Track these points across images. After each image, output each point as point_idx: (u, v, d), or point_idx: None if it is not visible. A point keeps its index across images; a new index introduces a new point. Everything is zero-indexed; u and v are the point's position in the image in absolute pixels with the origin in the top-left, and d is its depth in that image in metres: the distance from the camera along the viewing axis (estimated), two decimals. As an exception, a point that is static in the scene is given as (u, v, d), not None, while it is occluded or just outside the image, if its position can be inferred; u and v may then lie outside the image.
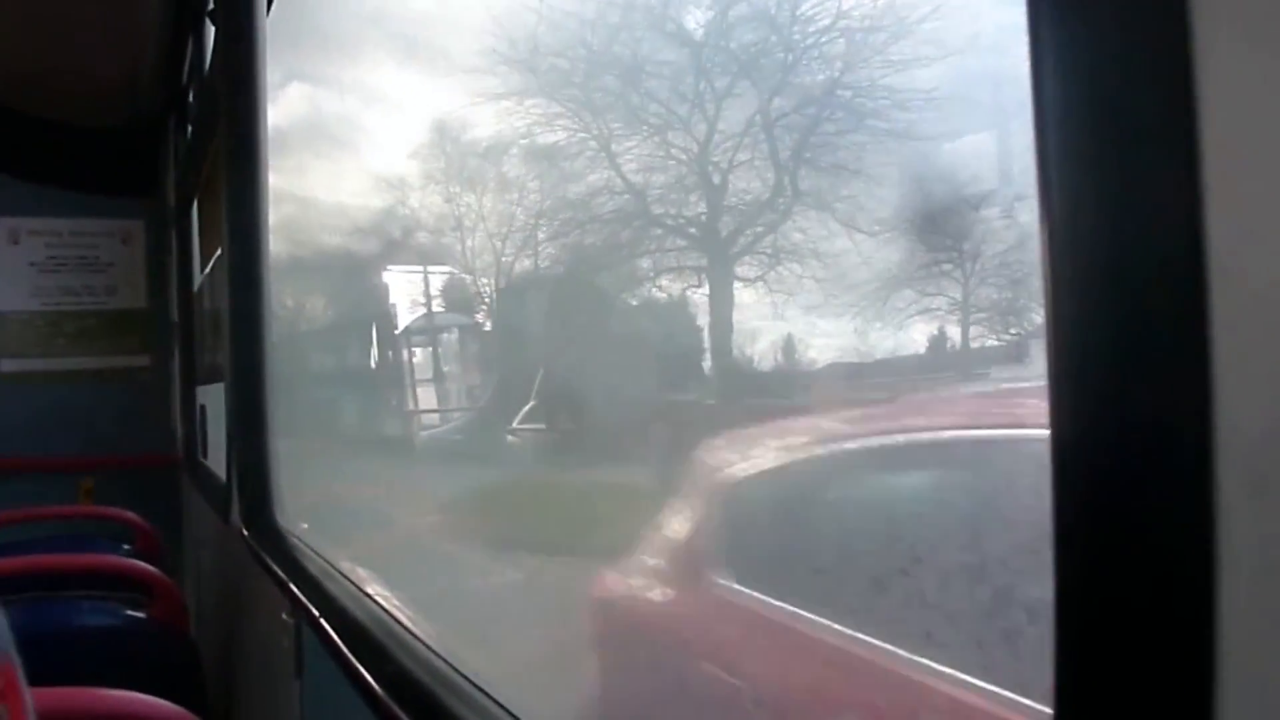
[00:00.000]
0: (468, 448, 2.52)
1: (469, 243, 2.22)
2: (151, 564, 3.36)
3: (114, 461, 4.90)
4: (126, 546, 3.89)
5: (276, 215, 2.78)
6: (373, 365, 3.16)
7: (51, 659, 2.68)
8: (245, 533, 2.57)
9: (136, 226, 5.24)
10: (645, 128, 1.32)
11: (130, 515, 3.99)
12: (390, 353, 2.99)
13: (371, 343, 3.12)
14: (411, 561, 2.28)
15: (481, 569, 1.99)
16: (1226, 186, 0.38)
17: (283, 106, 2.95)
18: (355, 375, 3.28)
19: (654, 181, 1.31)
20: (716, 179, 1.19)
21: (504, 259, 2.05)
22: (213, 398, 4.03)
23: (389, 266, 2.85)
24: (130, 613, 3.10)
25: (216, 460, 3.82)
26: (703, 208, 1.21)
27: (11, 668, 0.40)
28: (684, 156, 1.23)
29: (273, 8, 2.66)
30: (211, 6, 2.98)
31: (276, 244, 2.81)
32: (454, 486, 2.38)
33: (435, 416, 2.88)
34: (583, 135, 1.52)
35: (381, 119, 2.64)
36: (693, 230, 1.23)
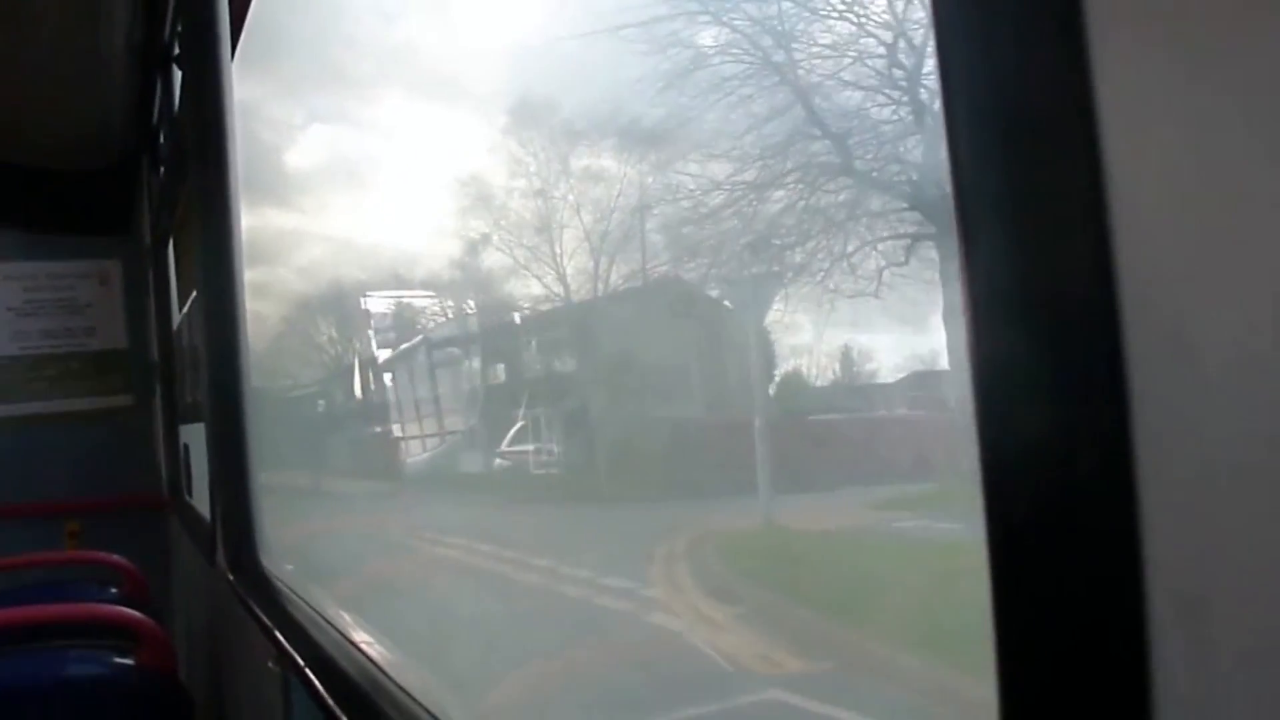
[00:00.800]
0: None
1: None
2: (139, 608, 3.34)
3: (100, 504, 4.87)
4: (114, 590, 3.87)
5: (304, 255, 2.82)
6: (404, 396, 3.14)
7: (40, 711, 2.66)
8: (230, 577, 2.56)
9: (113, 267, 5.22)
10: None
11: (117, 559, 3.96)
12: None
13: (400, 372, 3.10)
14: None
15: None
16: (1130, 192, 0.39)
17: (304, 146, 2.96)
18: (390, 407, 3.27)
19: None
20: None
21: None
22: (196, 436, 4.02)
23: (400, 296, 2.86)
24: (118, 660, 3.08)
25: (202, 499, 3.81)
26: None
27: None
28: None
29: (238, 52, 2.66)
30: (177, 52, 2.98)
31: (300, 282, 2.86)
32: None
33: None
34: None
35: (387, 153, 2.66)
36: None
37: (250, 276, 2.76)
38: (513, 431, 2.25)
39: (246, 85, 2.70)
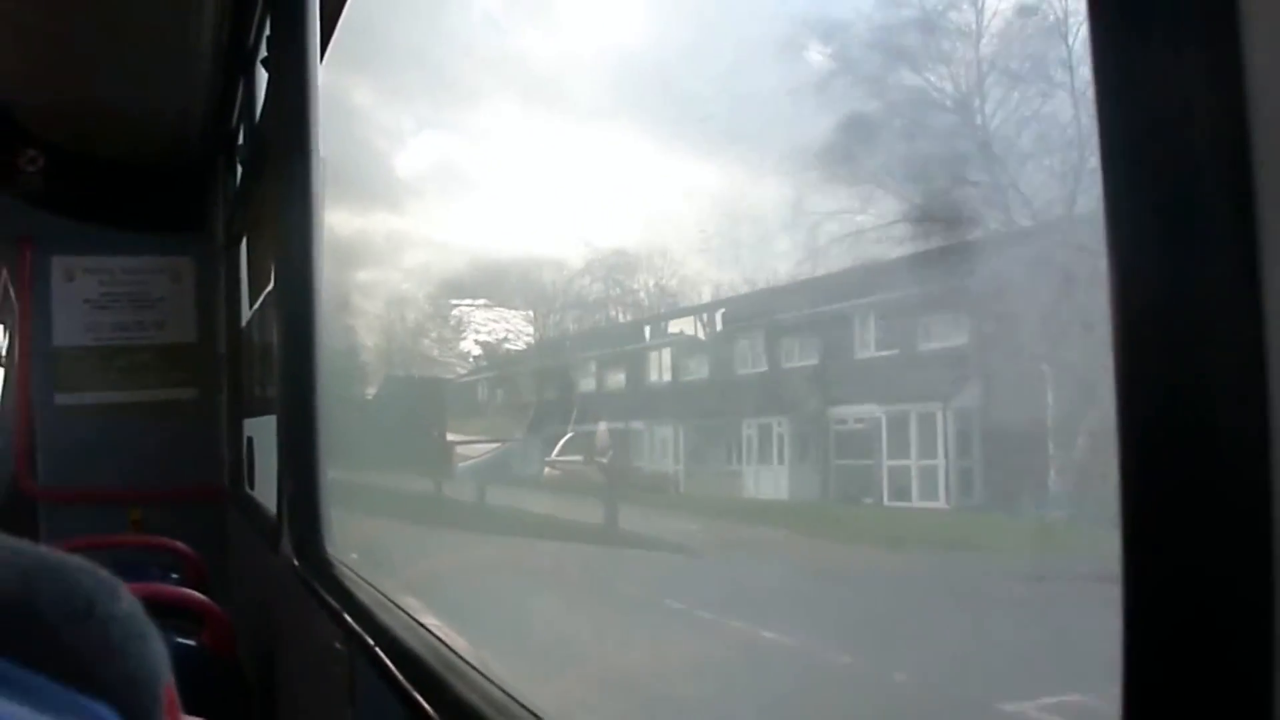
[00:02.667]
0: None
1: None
2: (199, 593, 3.44)
3: (161, 493, 5.00)
4: (175, 575, 3.97)
5: (412, 259, 2.89)
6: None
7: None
8: (296, 563, 2.63)
9: (186, 264, 5.37)
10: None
11: (179, 545, 4.07)
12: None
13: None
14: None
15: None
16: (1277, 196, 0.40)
17: (413, 153, 3.04)
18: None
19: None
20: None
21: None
22: (260, 430, 4.12)
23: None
24: (180, 640, 3.17)
25: (263, 491, 3.90)
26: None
27: (172, 690, 0.45)
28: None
29: (326, 55, 2.75)
30: (265, 54, 3.08)
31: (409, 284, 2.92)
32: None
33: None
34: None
35: (491, 161, 2.70)
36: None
37: (362, 277, 2.86)
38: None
39: (353, 88, 2.79)
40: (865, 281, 1.36)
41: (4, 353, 6.26)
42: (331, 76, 2.73)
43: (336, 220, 2.98)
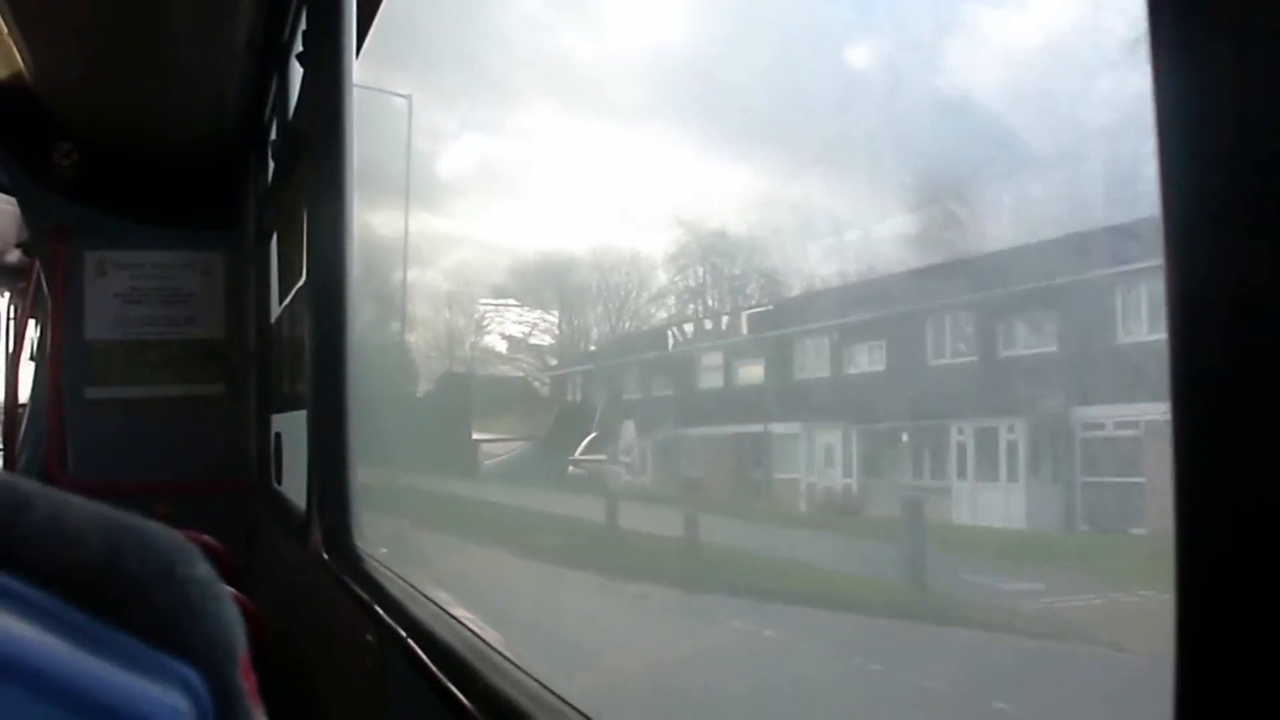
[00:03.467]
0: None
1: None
2: (229, 586, 3.45)
3: (189, 486, 5.03)
4: (204, 570, 3.99)
5: (450, 258, 2.89)
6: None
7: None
8: (326, 557, 2.64)
9: (216, 259, 5.41)
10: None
11: (208, 539, 4.09)
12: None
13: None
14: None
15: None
16: None
17: (456, 155, 3.03)
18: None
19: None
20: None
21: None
22: (288, 425, 4.14)
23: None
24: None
25: (291, 486, 3.92)
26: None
27: (247, 655, 0.46)
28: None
29: (362, 52, 2.77)
30: (300, 49, 3.10)
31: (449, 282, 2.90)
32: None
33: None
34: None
35: (530, 165, 2.69)
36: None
37: (410, 276, 2.88)
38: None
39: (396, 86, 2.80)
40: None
41: (36, 346, 6.33)
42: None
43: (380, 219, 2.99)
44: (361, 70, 2.77)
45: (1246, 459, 0.43)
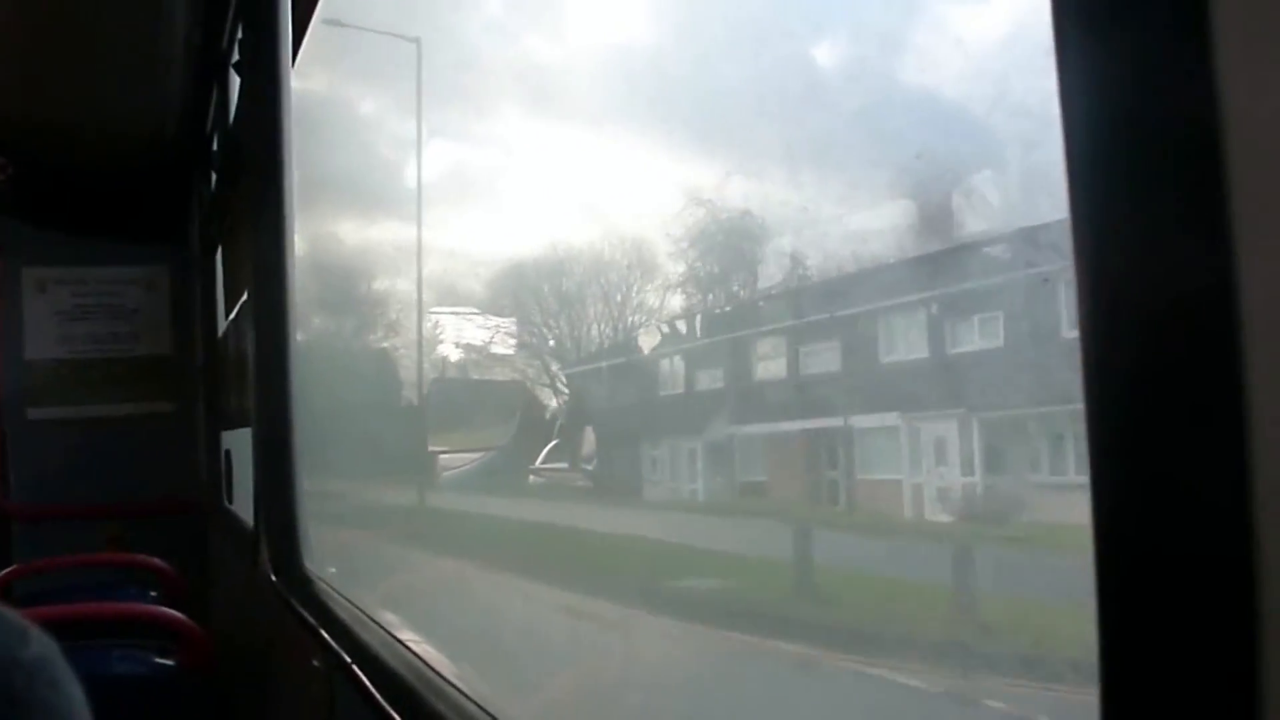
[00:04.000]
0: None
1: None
2: (179, 610, 3.37)
3: (140, 508, 4.92)
4: (154, 593, 3.90)
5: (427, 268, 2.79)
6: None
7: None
8: (274, 579, 2.57)
9: (161, 274, 5.29)
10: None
11: (157, 562, 4.00)
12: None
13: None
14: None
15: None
16: (1253, 200, 0.39)
17: (425, 161, 2.95)
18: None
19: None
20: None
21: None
22: (238, 443, 4.05)
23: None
24: (159, 660, 3.11)
25: (242, 505, 3.83)
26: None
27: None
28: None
29: (298, 59, 2.70)
30: (237, 58, 3.03)
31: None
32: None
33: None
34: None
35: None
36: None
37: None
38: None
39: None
40: None
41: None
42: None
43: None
44: (299, 79, 2.70)
45: (1157, 461, 0.43)
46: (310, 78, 3.10)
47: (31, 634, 0.38)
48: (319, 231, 3.38)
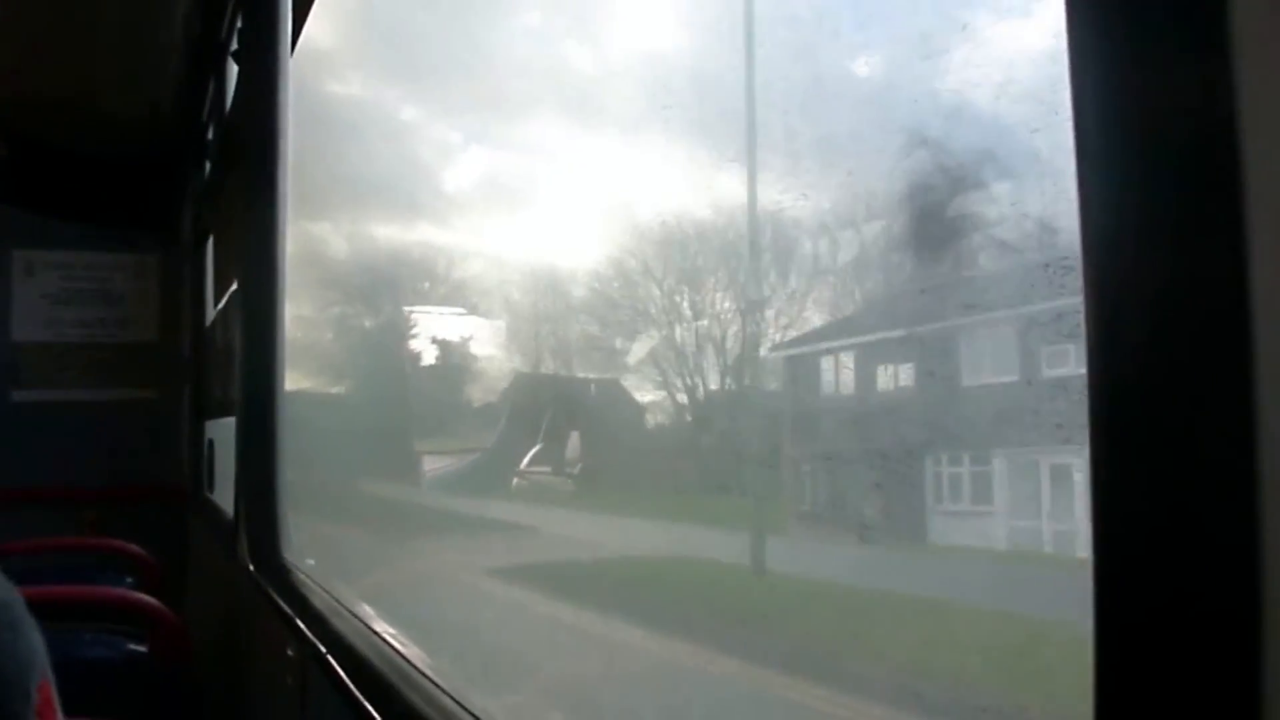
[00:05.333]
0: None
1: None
2: (154, 597, 3.36)
3: (118, 493, 4.90)
4: (129, 579, 3.88)
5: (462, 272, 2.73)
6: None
7: (52, 691, 2.67)
8: (251, 568, 2.57)
9: (150, 261, 5.28)
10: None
11: (133, 548, 3.98)
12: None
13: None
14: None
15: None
16: (1266, 203, 0.39)
17: (462, 167, 2.92)
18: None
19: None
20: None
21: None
22: (221, 432, 4.05)
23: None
24: (132, 646, 3.09)
25: (223, 494, 3.83)
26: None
27: (49, 687, 0.41)
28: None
29: (297, 48, 2.71)
30: (235, 47, 3.03)
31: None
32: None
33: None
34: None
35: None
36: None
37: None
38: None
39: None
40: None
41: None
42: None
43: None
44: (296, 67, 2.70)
45: (1161, 469, 0.42)
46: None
47: None
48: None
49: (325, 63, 3.14)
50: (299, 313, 3.26)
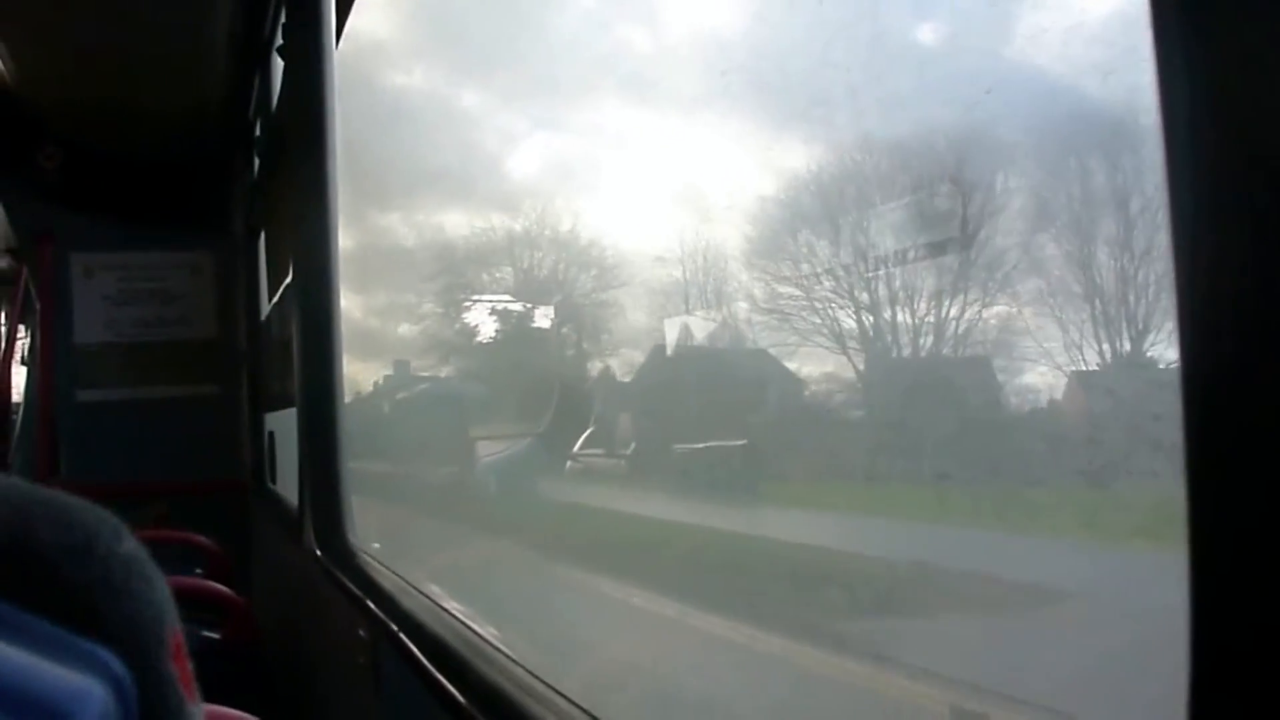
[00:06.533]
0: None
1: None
2: (223, 586, 3.44)
3: (185, 487, 5.01)
4: (198, 569, 3.98)
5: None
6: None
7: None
8: (319, 554, 2.62)
9: (205, 258, 5.38)
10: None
11: (202, 539, 4.08)
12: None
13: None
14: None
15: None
16: None
17: (527, 154, 2.93)
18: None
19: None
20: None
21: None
22: (280, 424, 4.12)
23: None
24: (205, 633, 3.18)
25: (285, 485, 3.90)
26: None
27: (180, 635, 0.43)
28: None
29: (341, 42, 2.74)
30: (280, 43, 3.07)
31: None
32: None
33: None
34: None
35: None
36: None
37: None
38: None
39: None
40: None
41: (27, 350, 6.29)
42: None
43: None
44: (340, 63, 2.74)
45: (1257, 460, 0.42)
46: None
47: (125, 531, 0.41)
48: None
49: (374, 54, 3.16)
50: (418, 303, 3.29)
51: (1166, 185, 0.45)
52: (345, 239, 2.89)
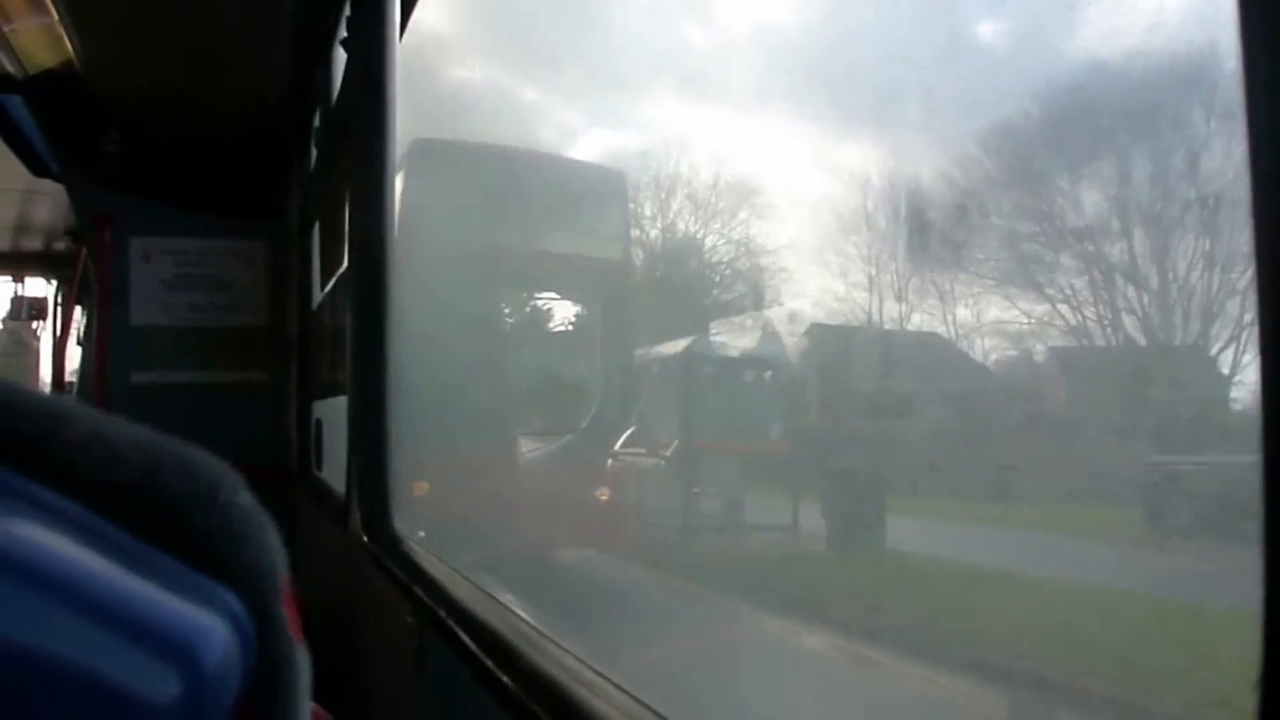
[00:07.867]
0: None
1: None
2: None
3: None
4: (244, 553, 4.03)
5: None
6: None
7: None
8: (365, 540, 2.66)
9: (259, 247, 5.47)
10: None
11: (248, 523, 4.13)
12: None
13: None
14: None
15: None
16: None
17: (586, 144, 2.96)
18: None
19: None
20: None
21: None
22: (328, 412, 4.17)
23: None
24: (251, 615, 3.22)
25: (331, 473, 3.95)
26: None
27: (290, 582, 0.45)
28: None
29: (404, 36, 2.77)
30: (344, 35, 3.12)
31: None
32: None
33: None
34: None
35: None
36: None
37: None
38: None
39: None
40: None
41: (83, 330, 6.42)
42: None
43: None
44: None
45: None
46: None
47: (241, 482, 0.43)
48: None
49: (440, 47, 3.21)
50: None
51: (1251, 189, 0.46)
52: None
